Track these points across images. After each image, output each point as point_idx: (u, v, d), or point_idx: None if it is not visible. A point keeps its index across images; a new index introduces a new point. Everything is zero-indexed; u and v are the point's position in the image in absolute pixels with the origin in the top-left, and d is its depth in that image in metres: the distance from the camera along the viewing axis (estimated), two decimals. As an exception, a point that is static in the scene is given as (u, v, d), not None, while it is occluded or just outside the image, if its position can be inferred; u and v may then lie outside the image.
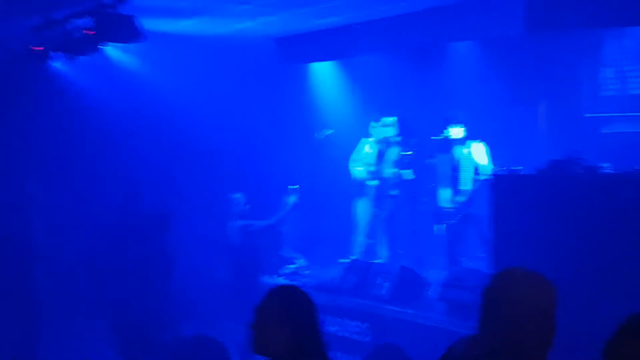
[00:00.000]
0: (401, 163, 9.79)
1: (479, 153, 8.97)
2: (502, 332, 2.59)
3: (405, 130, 9.86)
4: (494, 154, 8.96)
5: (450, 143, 9.14)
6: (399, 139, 9.94)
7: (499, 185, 6.61)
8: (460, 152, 9.10)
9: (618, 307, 5.54)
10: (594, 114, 10.19)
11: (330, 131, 10.68)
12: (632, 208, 5.79)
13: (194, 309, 9.03)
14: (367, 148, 10.11)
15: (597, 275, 5.82)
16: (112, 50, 8.99)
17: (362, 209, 10.25)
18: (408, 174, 9.73)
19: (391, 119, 9.91)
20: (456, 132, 9.05)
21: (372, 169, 10.04)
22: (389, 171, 9.94)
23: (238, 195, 8.39)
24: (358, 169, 10.09)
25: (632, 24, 8.46)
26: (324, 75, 11.89)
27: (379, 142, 10.06)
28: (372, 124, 10.06)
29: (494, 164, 8.71)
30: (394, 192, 9.95)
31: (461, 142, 9.08)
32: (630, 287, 5.63)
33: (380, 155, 10.07)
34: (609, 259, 5.79)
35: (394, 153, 9.90)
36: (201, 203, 10.06)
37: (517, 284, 2.62)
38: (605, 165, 6.37)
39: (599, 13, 7.84)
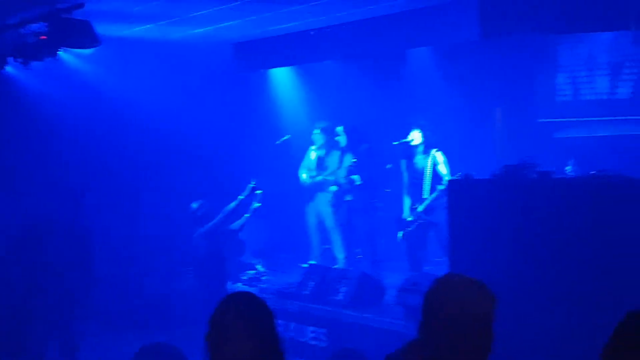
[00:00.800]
0: (352, 169, 9.88)
1: (439, 162, 9.05)
2: (441, 337, 2.61)
3: (355, 137, 9.95)
4: (451, 159, 9.05)
5: (411, 149, 9.20)
6: (343, 144, 10.09)
7: (455, 190, 6.66)
8: (421, 159, 9.16)
9: (570, 308, 5.67)
10: (548, 119, 10.34)
11: (287, 137, 10.69)
12: (584, 212, 5.88)
13: (159, 317, 9.00)
14: (312, 155, 10.35)
15: (549, 277, 5.89)
16: (67, 56, 8.90)
17: (313, 214, 10.41)
18: (357, 179, 9.81)
19: (340, 128, 10.06)
20: (415, 136, 9.12)
21: (314, 174, 10.29)
22: (329, 177, 10.17)
23: (198, 203, 8.34)
24: (304, 175, 10.35)
25: (585, 30, 8.62)
26: (282, 81, 11.89)
27: (319, 148, 10.28)
28: (315, 130, 10.21)
29: (452, 172, 8.82)
30: (348, 198, 10.03)
31: (422, 149, 9.14)
32: (581, 288, 5.71)
33: (321, 162, 10.26)
34: (561, 262, 5.87)
35: (347, 160, 10.01)
36: (161, 210, 10.01)
37: (455, 291, 2.64)
38: (567, 168, 6.46)
39: (552, 19, 7.98)
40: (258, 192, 8.55)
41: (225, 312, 3.11)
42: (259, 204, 8.59)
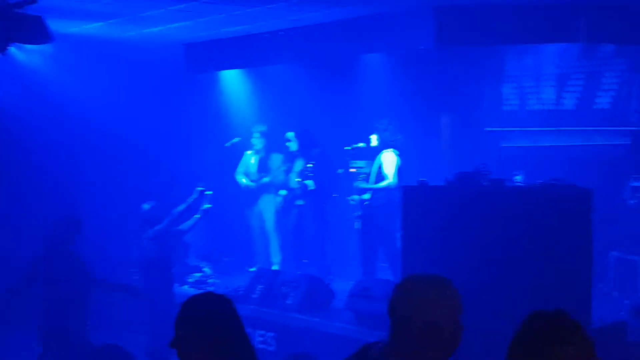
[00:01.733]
0: (306, 174, 9.89)
1: (385, 161, 9.08)
2: (412, 337, 2.63)
3: (307, 141, 9.98)
4: (402, 164, 9.11)
5: (367, 152, 9.25)
6: (293, 149, 10.13)
7: (409, 196, 6.73)
8: (375, 160, 9.20)
9: (518, 311, 5.78)
10: (495, 128, 10.51)
11: (237, 139, 10.65)
12: (531, 220, 6.01)
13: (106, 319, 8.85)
14: (252, 159, 10.42)
15: (500, 282, 6.00)
16: (18, 52, 8.73)
17: (255, 218, 10.47)
18: (310, 184, 9.84)
19: (291, 133, 10.09)
20: (373, 140, 9.18)
21: (255, 177, 10.35)
22: (275, 179, 10.28)
23: (150, 205, 8.24)
24: (244, 180, 10.39)
25: (535, 41, 8.81)
26: (233, 84, 11.83)
27: (259, 151, 10.36)
28: (255, 134, 10.25)
29: (400, 174, 8.88)
30: (299, 202, 10.05)
31: (376, 150, 9.19)
32: (529, 293, 5.84)
33: (262, 165, 10.32)
34: (512, 267, 5.99)
35: (298, 164, 10.02)
36: (109, 210, 9.86)
37: (423, 289, 2.66)
38: (517, 177, 6.58)
39: (504, 31, 8.14)
40: (208, 192, 8.51)
41: (190, 315, 3.07)
42: (210, 205, 8.55)
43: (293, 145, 10.10)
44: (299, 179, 9.94)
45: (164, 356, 6.97)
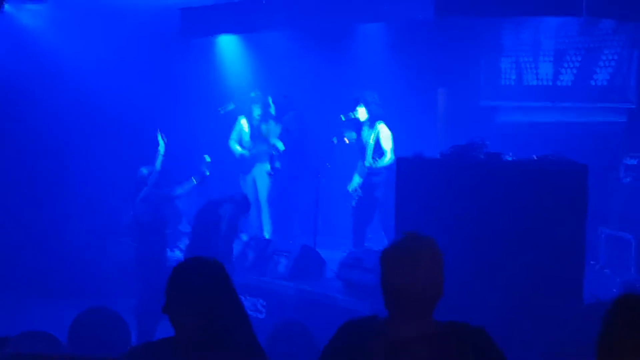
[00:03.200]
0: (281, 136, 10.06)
1: (382, 136, 9.04)
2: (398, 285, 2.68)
3: (282, 105, 9.96)
4: (396, 137, 9.08)
5: (357, 124, 9.19)
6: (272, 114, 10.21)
7: (403, 169, 6.69)
8: (366, 133, 9.15)
9: (513, 286, 5.80)
10: (491, 103, 10.47)
11: (232, 106, 10.57)
12: (526, 194, 6.00)
13: (96, 283, 8.86)
14: (245, 126, 10.33)
15: (494, 255, 6.00)
16: (13, 9, 8.63)
17: (250, 186, 10.42)
18: (280, 145, 10.02)
19: (269, 98, 10.19)
20: (361, 112, 9.10)
21: (250, 145, 10.31)
22: (265, 147, 10.26)
23: (146, 170, 8.16)
24: (238, 147, 10.34)
25: (534, 13, 8.72)
26: (229, 49, 11.73)
27: (252, 119, 10.31)
28: (253, 100, 10.21)
29: (396, 148, 8.86)
30: (277, 165, 10.17)
31: (368, 123, 9.13)
32: (522, 267, 5.84)
33: (257, 132, 10.26)
34: (506, 241, 5.98)
35: (272, 129, 10.12)
36: (105, 176, 9.81)
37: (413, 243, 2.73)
38: (508, 155, 6.56)
39: (503, 1, 8.07)
40: (207, 159, 8.46)
41: (182, 280, 3.05)
42: (208, 172, 8.50)
43: (271, 110, 10.16)
44: (273, 143, 10.11)
45: (153, 320, 7.00)
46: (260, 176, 10.37)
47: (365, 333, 2.76)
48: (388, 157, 8.91)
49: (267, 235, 10.15)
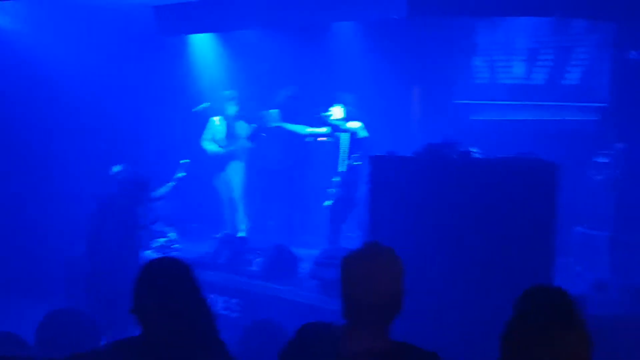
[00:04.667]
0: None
1: (358, 130, 9.01)
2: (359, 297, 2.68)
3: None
4: (370, 135, 9.08)
5: (332, 124, 9.16)
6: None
7: (377, 167, 6.68)
8: (340, 134, 9.12)
9: (481, 282, 5.82)
10: (465, 101, 10.52)
11: (207, 104, 10.53)
12: (496, 192, 6.02)
13: (65, 283, 8.78)
14: (219, 125, 10.31)
15: (464, 254, 6.01)
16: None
17: (223, 184, 10.39)
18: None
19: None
20: (336, 112, 9.08)
21: (224, 143, 10.26)
22: (238, 144, 10.25)
23: (118, 167, 8.11)
24: (210, 145, 10.28)
25: (507, 14, 8.78)
26: (203, 48, 11.68)
27: (227, 118, 10.28)
28: (228, 100, 10.20)
29: (370, 146, 8.84)
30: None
31: (343, 124, 9.10)
32: (492, 265, 5.86)
33: (230, 131, 10.27)
34: (478, 238, 6.00)
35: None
36: (73, 174, 9.73)
37: (374, 266, 2.70)
38: (474, 150, 6.58)
39: (477, 1, 8.10)
40: (184, 161, 8.46)
41: (147, 280, 3.07)
42: (184, 174, 8.50)
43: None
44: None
45: (125, 321, 6.94)
46: (234, 174, 10.34)
47: (320, 341, 2.76)
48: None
49: (242, 234, 10.12)
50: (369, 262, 2.71)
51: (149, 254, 9.22)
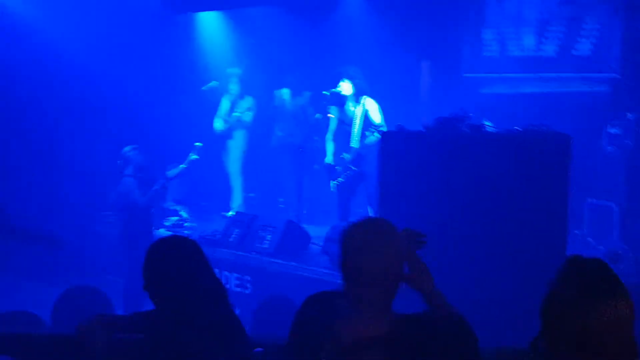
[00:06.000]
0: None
1: (371, 110, 8.94)
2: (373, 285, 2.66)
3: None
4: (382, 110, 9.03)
5: (342, 98, 9.09)
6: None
7: (387, 142, 6.66)
8: (351, 108, 9.05)
9: (497, 258, 5.82)
10: (474, 74, 10.44)
11: (215, 83, 10.51)
12: (509, 165, 6.00)
13: (81, 262, 8.83)
14: (226, 103, 10.39)
15: (477, 227, 6.00)
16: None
17: (229, 162, 10.44)
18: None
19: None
20: (345, 87, 9.00)
21: (229, 120, 10.36)
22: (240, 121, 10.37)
23: (128, 148, 8.13)
24: (216, 123, 10.37)
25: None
26: (210, 25, 11.63)
27: (232, 96, 10.36)
28: (232, 78, 10.21)
29: (385, 121, 8.78)
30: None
31: (353, 98, 9.03)
32: (505, 238, 5.86)
33: (233, 108, 10.34)
34: (488, 212, 5.99)
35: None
36: (86, 155, 9.75)
37: (372, 239, 2.70)
38: (487, 123, 6.54)
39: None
40: (197, 144, 8.49)
41: (156, 258, 3.11)
42: (197, 156, 8.51)
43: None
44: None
45: (139, 299, 6.99)
46: (234, 149, 10.39)
47: (325, 313, 2.76)
48: (382, 127, 8.73)
49: (232, 213, 10.11)
50: (364, 231, 2.72)
51: (162, 232, 9.28)
